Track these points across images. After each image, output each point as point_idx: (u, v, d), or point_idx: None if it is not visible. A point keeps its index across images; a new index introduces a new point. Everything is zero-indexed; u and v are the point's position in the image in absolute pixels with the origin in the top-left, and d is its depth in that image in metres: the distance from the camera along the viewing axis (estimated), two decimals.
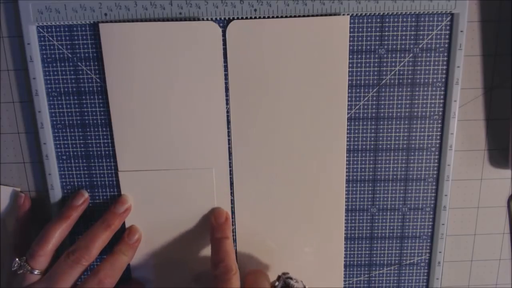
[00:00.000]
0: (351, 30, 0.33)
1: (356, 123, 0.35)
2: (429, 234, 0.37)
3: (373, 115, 0.35)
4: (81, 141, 0.36)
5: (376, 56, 0.34)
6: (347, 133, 0.35)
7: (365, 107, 0.35)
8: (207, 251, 0.37)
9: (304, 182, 0.36)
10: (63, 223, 0.34)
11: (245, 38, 0.33)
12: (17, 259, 0.33)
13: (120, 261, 0.34)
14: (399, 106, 0.35)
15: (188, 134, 0.35)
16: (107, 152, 0.36)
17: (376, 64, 0.34)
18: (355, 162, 0.36)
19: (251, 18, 0.33)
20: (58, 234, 0.33)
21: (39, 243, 0.33)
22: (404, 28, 0.33)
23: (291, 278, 0.32)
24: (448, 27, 0.33)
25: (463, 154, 0.37)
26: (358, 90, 0.35)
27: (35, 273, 0.33)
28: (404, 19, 0.33)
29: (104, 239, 0.34)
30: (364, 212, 0.37)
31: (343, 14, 0.33)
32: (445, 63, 0.34)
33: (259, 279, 0.33)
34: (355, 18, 0.33)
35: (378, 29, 0.34)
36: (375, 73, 0.34)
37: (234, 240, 0.37)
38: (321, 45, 0.33)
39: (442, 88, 0.35)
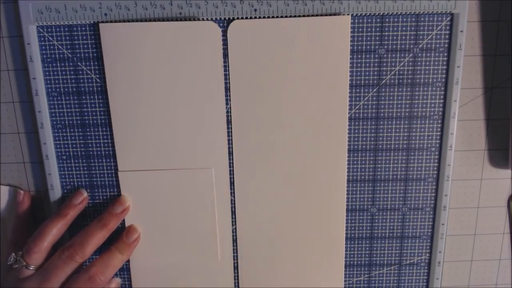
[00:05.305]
0: (351, 30, 0.33)
1: (356, 123, 0.35)
2: (429, 234, 0.37)
3: (373, 115, 0.35)
4: (81, 141, 0.36)
5: (376, 56, 0.34)
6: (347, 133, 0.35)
7: (365, 107, 0.35)
8: (206, 251, 0.37)
9: (305, 182, 0.36)
10: (60, 221, 0.34)
11: (246, 38, 0.33)
12: (13, 253, 0.33)
13: (114, 259, 0.34)
14: (399, 106, 0.35)
15: (188, 134, 0.35)
16: (107, 152, 0.36)
17: (376, 64, 0.34)
18: (355, 162, 0.36)
19: (251, 18, 0.33)
20: (54, 231, 0.33)
21: (35, 240, 0.33)
22: (404, 28, 0.33)
23: None
24: (448, 27, 0.33)
25: (463, 154, 0.37)
26: (358, 90, 0.35)
27: (30, 268, 0.33)
28: (404, 19, 0.33)
29: (99, 237, 0.34)
30: (364, 212, 0.37)
31: (343, 14, 0.33)
32: (445, 63, 0.34)
33: None
34: (355, 18, 0.33)
35: (378, 29, 0.33)
36: (375, 73, 0.34)
37: (235, 240, 0.37)
38: (322, 45, 0.33)
39: (442, 88, 0.35)
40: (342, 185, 0.36)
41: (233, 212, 0.37)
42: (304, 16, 0.33)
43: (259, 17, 0.33)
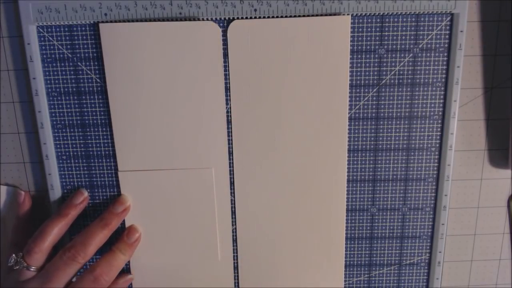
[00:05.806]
0: (351, 30, 0.33)
1: (356, 123, 0.35)
2: (429, 234, 0.37)
3: (373, 115, 0.35)
4: (81, 141, 0.36)
5: (376, 56, 0.34)
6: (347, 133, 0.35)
7: (365, 107, 0.35)
8: (206, 251, 0.37)
9: (305, 182, 0.36)
10: (60, 221, 0.34)
11: (246, 38, 0.33)
12: (13, 255, 0.33)
13: (117, 260, 0.34)
14: (399, 106, 0.35)
15: (188, 134, 0.35)
16: (107, 152, 0.36)
17: (376, 64, 0.34)
18: (355, 162, 0.36)
19: (251, 18, 0.33)
20: (55, 231, 0.33)
21: (35, 240, 0.33)
22: (404, 28, 0.33)
23: None
24: (448, 27, 0.33)
25: (463, 154, 0.37)
26: (358, 90, 0.35)
27: (31, 269, 0.33)
28: (404, 19, 0.33)
29: (101, 237, 0.34)
30: (364, 212, 0.37)
31: (343, 14, 0.33)
32: (445, 63, 0.34)
33: None
34: (355, 18, 0.33)
35: (378, 29, 0.33)
36: (375, 73, 0.34)
37: (235, 240, 0.37)
38: (322, 45, 0.33)
39: (442, 88, 0.35)
40: (342, 185, 0.36)
41: (233, 212, 0.37)
42: (304, 16, 0.33)
43: (259, 17, 0.33)
